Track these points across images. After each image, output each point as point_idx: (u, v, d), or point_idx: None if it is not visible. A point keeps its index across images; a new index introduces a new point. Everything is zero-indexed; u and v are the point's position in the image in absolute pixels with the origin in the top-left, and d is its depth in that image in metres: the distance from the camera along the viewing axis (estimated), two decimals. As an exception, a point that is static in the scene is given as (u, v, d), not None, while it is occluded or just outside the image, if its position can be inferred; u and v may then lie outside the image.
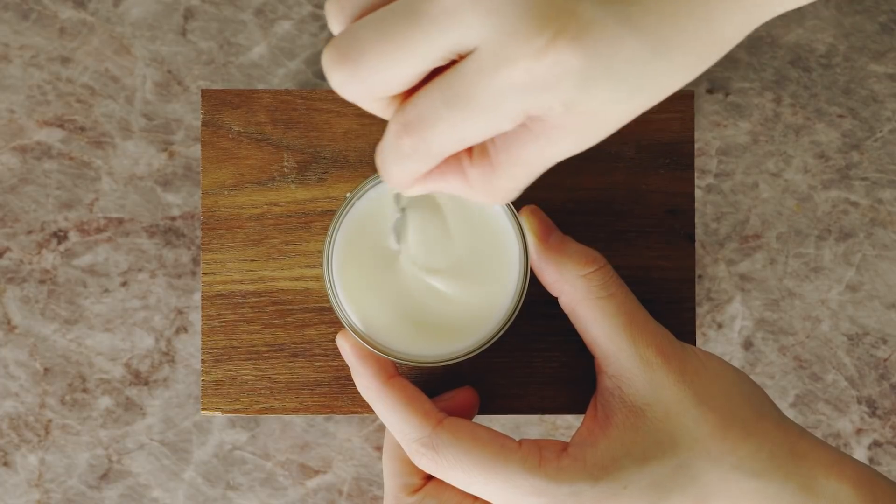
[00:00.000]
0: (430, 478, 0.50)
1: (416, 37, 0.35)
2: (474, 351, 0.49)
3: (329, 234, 0.48)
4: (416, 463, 0.48)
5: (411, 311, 0.49)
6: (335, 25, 0.37)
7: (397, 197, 0.48)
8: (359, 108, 0.42)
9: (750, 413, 0.48)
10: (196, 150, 0.64)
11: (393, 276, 0.49)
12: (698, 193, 0.65)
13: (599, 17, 0.34)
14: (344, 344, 0.49)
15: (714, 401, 0.47)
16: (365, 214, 0.49)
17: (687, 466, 0.46)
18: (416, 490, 0.50)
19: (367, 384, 0.49)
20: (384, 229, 0.49)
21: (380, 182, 0.48)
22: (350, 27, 0.36)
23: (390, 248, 0.49)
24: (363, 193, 0.49)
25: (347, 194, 0.49)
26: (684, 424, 0.47)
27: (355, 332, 0.49)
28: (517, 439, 0.48)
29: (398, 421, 0.48)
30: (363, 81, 0.36)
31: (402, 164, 0.37)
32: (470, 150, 0.38)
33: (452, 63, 0.36)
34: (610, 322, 0.48)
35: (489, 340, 0.49)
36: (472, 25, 0.34)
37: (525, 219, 0.49)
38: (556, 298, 0.50)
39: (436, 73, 0.36)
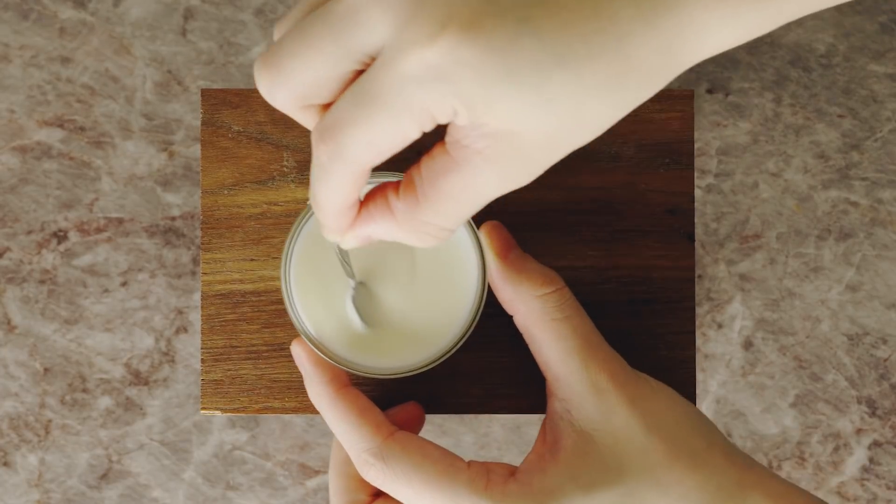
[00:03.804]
0: (377, 496, 0.50)
1: (326, 37, 0.36)
2: (429, 364, 0.48)
3: (287, 242, 0.48)
4: (364, 475, 0.47)
5: (367, 322, 0.49)
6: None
7: (347, 270, 0.48)
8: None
9: (699, 443, 0.47)
10: (196, 150, 0.64)
11: (350, 287, 0.49)
12: (698, 193, 0.65)
13: (493, 12, 0.34)
14: (300, 352, 0.49)
15: (664, 430, 0.47)
16: None
17: (633, 495, 0.46)
18: None
19: (319, 391, 0.48)
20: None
21: None
22: (279, 38, 0.37)
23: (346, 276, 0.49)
24: None
25: (308, 201, 0.49)
26: (632, 452, 0.46)
27: (311, 340, 0.48)
28: (467, 460, 0.47)
29: (348, 430, 0.47)
30: (284, 85, 0.37)
31: (323, 180, 0.37)
32: (396, 188, 0.39)
33: None
34: (563, 345, 0.47)
35: (445, 354, 0.48)
36: (374, 23, 0.35)
37: (485, 234, 0.49)
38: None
39: None
